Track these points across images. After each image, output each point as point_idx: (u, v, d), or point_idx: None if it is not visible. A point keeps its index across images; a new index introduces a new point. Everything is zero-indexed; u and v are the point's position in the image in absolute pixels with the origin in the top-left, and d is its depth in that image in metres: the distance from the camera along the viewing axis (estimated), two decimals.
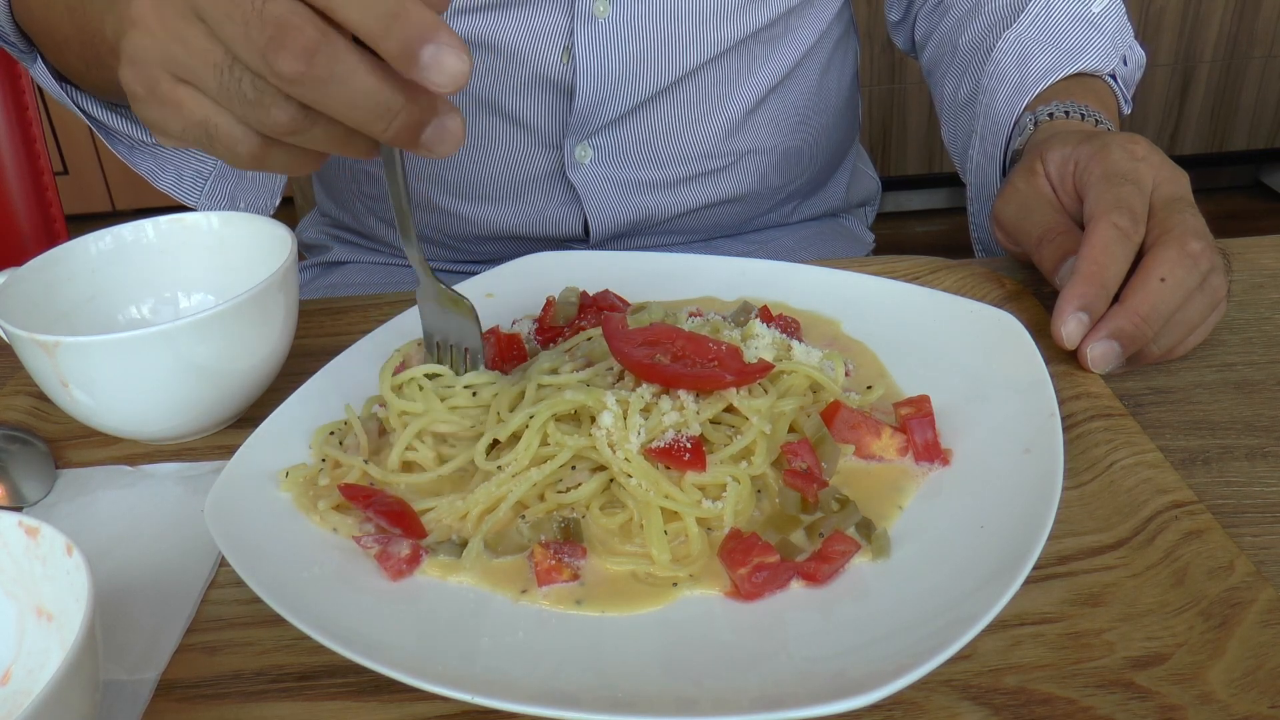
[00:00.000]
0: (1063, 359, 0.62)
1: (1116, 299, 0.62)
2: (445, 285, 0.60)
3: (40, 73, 0.77)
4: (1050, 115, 0.77)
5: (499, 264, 0.75)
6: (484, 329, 0.65)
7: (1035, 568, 0.46)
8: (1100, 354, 0.60)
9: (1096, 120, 0.76)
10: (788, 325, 0.64)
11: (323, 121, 0.43)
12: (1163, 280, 0.60)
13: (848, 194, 1.10)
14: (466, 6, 0.85)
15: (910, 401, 0.57)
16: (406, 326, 0.67)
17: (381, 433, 0.60)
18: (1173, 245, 0.61)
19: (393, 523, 0.52)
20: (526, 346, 0.66)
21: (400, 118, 0.42)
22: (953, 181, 2.81)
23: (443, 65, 0.40)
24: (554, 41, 0.86)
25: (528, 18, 0.85)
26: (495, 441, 0.55)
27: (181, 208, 0.73)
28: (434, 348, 0.61)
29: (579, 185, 0.91)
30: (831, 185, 1.08)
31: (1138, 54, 0.88)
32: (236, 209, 0.79)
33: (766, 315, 0.65)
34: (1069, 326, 0.61)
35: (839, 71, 1.02)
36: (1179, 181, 0.65)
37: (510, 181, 0.92)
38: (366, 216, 1.02)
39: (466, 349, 0.61)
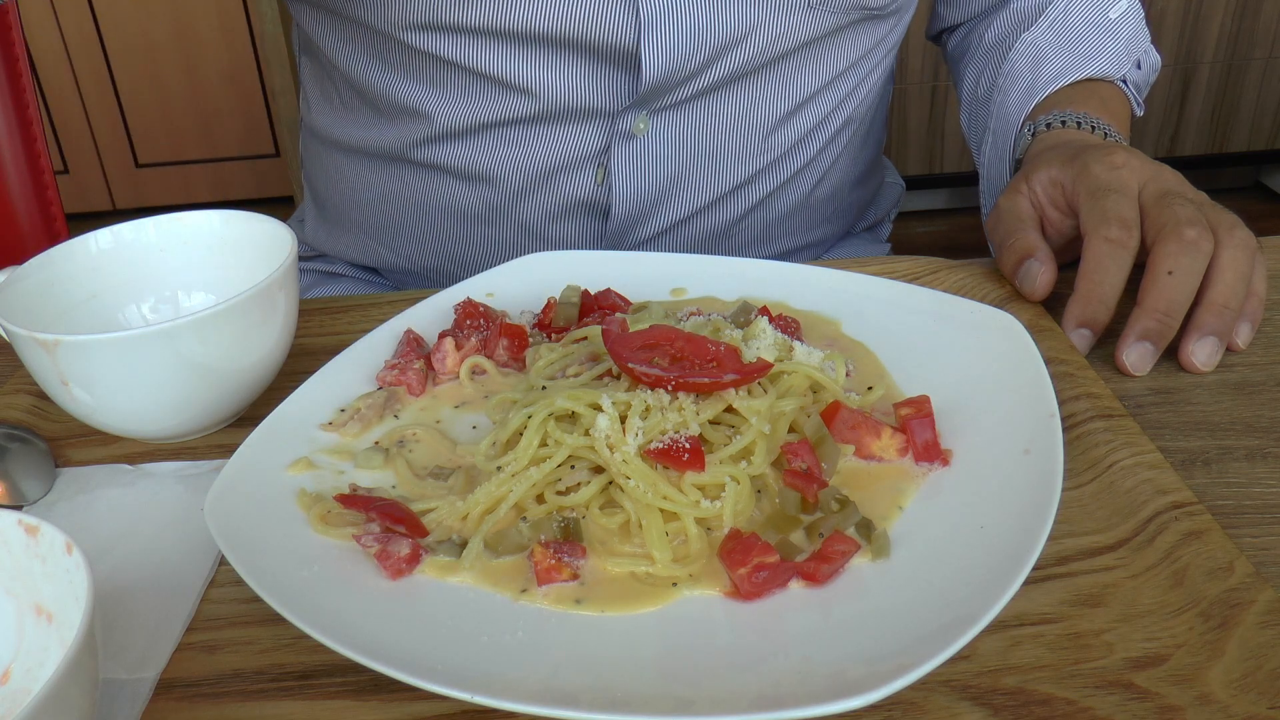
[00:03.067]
0: (1063, 359, 0.62)
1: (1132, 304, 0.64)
2: None
3: None
4: (1048, 125, 0.79)
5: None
6: (491, 329, 0.65)
7: (1035, 568, 0.46)
8: (1137, 356, 0.63)
9: (1094, 127, 0.77)
10: (787, 325, 0.64)
11: None
12: (1170, 273, 0.62)
13: (875, 213, 1.09)
14: (502, 119, 0.83)
15: (910, 402, 0.57)
16: (405, 327, 0.67)
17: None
18: (1171, 238, 0.63)
19: (395, 522, 0.52)
20: (530, 339, 0.66)
21: None
22: (953, 182, 2.81)
23: None
24: (589, 160, 0.84)
25: (565, 134, 0.83)
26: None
27: (181, 206, 0.73)
28: None
29: None
30: (861, 224, 1.07)
31: (1153, 58, 0.88)
32: None
33: (766, 316, 0.65)
34: (1073, 340, 0.65)
35: (878, 134, 1.02)
36: (1162, 177, 0.67)
37: None
38: (358, 262, 1.01)
39: None
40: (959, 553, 0.48)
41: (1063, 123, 0.78)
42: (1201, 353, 0.63)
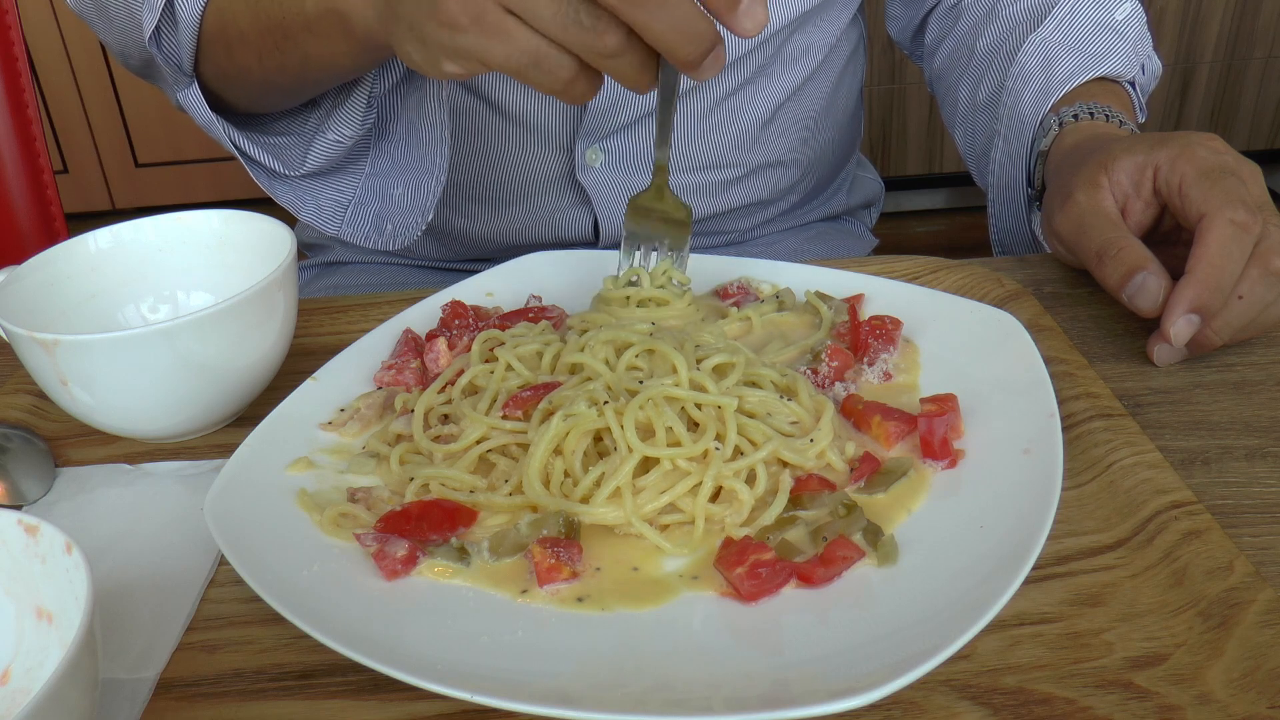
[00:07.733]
0: (1063, 359, 0.62)
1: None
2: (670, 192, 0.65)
3: (193, 98, 0.76)
4: (1075, 117, 0.77)
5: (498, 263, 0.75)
6: (482, 328, 0.65)
7: (1034, 568, 0.46)
8: (1184, 325, 0.60)
9: (1120, 121, 0.76)
10: (878, 330, 0.63)
11: (638, 48, 0.51)
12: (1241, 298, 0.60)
13: (848, 198, 1.10)
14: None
15: (936, 398, 0.57)
16: (405, 326, 0.67)
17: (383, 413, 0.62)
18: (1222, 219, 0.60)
19: (440, 527, 0.52)
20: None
21: (704, 43, 0.50)
22: (952, 181, 2.81)
23: (754, 14, 0.49)
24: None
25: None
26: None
27: (181, 206, 0.73)
28: (633, 251, 0.65)
29: (590, 188, 0.91)
30: (831, 191, 1.08)
31: (1155, 64, 0.88)
32: (384, 233, 0.80)
33: (854, 314, 0.65)
34: (1178, 327, 0.60)
35: (848, 87, 1.02)
36: (1259, 178, 0.64)
37: (520, 185, 0.92)
38: None
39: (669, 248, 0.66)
40: (959, 552, 0.48)
41: (1090, 114, 0.76)
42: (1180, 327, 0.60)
